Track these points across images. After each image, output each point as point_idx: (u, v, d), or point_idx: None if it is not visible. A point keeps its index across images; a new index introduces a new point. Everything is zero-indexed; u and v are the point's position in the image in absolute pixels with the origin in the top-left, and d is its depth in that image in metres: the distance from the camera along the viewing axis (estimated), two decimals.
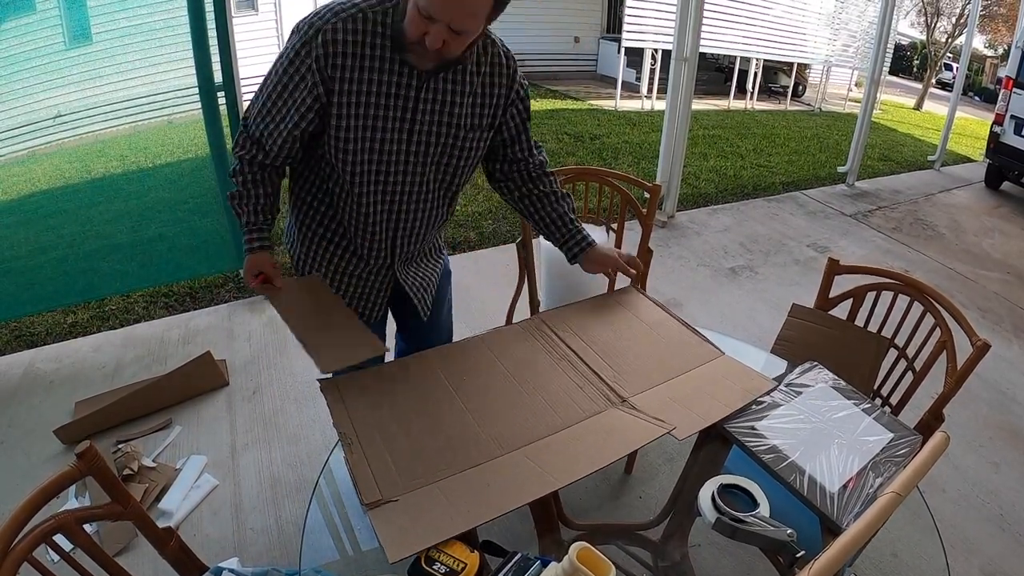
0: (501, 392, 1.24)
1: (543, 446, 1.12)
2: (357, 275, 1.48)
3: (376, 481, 1.02)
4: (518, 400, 1.22)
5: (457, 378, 1.26)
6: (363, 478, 1.03)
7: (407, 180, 1.33)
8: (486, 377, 1.28)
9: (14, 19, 2.39)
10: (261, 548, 1.90)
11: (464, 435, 1.13)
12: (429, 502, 0.99)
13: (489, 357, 1.33)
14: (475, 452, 1.10)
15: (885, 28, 5.63)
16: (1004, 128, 6.03)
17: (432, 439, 1.12)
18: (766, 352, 1.65)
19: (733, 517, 0.99)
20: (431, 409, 1.19)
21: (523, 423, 1.17)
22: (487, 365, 1.31)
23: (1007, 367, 3.15)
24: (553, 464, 1.07)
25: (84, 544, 1.01)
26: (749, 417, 1.24)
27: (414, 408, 1.19)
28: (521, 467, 1.07)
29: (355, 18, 1.16)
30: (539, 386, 1.26)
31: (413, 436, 1.12)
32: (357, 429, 1.12)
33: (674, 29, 4.27)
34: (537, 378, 1.29)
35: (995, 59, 22.28)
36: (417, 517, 0.96)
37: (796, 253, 4.34)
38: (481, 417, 1.17)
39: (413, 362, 1.32)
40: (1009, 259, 4.65)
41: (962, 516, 2.20)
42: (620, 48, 9.18)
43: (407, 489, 1.01)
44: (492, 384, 1.26)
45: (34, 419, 2.34)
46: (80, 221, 2.80)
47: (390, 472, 1.04)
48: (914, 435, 1.25)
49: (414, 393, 1.23)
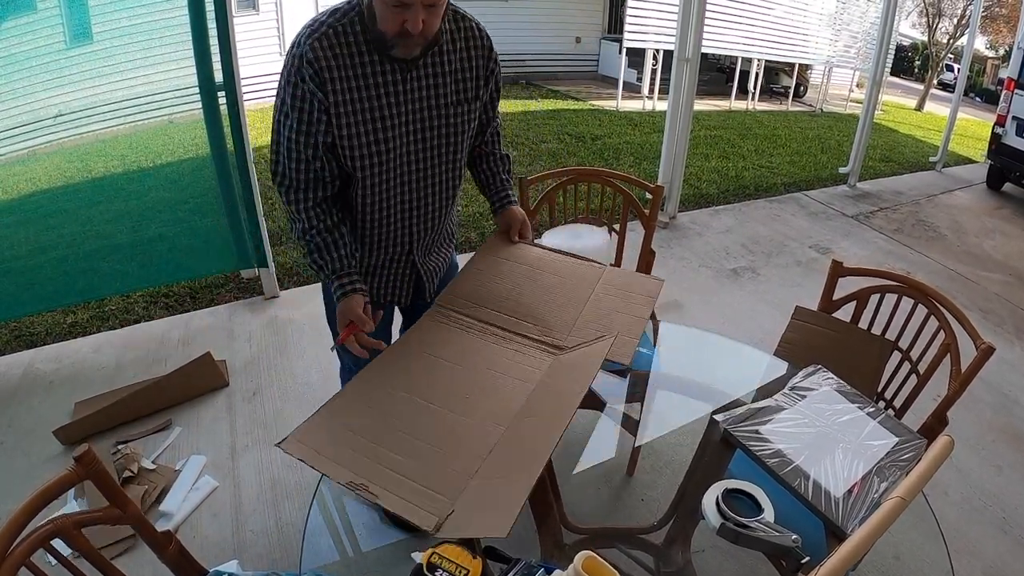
0: (462, 382, 1.24)
1: (528, 409, 1.14)
2: (381, 266, 1.53)
3: (416, 504, 0.98)
4: (481, 382, 1.23)
5: (418, 388, 1.23)
6: (406, 508, 0.97)
7: (413, 168, 1.39)
8: (441, 374, 1.26)
9: (15, 18, 2.39)
10: (261, 550, 1.89)
11: (458, 433, 1.12)
12: (480, 497, 0.99)
13: (429, 359, 1.31)
14: (479, 443, 1.09)
15: (887, 29, 5.62)
16: (1006, 129, 6.02)
17: (432, 448, 1.09)
18: (768, 354, 1.64)
19: (737, 522, 0.98)
20: (409, 425, 1.14)
21: (500, 398, 1.18)
22: (432, 365, 1.29)
23: (1009, 369, 3.14)
24: (547, 414, 1.10)
25: (82, 548, 1.01)
26: (753, 421, 1.23)
27: (395, 429, 1.13)
28: (526, 432, 1.09)
29: (326, 35, 1.21)
30: (487, 364, 1.28)
31: (414, 455, 1.08)
32: (357, 471, 1.03)
33: (676, 29, 4.26)
34: (479, 359, 1.29)
35: (996, 60, 22.26)
36: (482, 507, 0.96)
37: (798, 254, 4.33)
38: (464, 409, 1.17)
39: (358, 388, 1.22)
40: (1010, 260, 4.64)
41: (964, 519, 2.19)
42: (621, 48, 9.18)
43: (456, 494, 1.00)
44: (450, 378, 1.25)
45: (34, 419, 2.34)
46: (80, 221, 2.79)
47: (421, 493, 1.00)
48: (919, 439, 1.24)
49: (384, 418, 1.15)
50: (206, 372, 2.49)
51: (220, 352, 2.71)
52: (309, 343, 2.86)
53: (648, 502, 1.74)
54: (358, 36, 1.23)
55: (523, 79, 11.54)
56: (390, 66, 1.26)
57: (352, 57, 1.23)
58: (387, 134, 1.31)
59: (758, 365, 1.58)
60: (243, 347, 2.82)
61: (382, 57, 1.25)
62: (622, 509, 1.71)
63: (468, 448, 1.08)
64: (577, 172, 2.25)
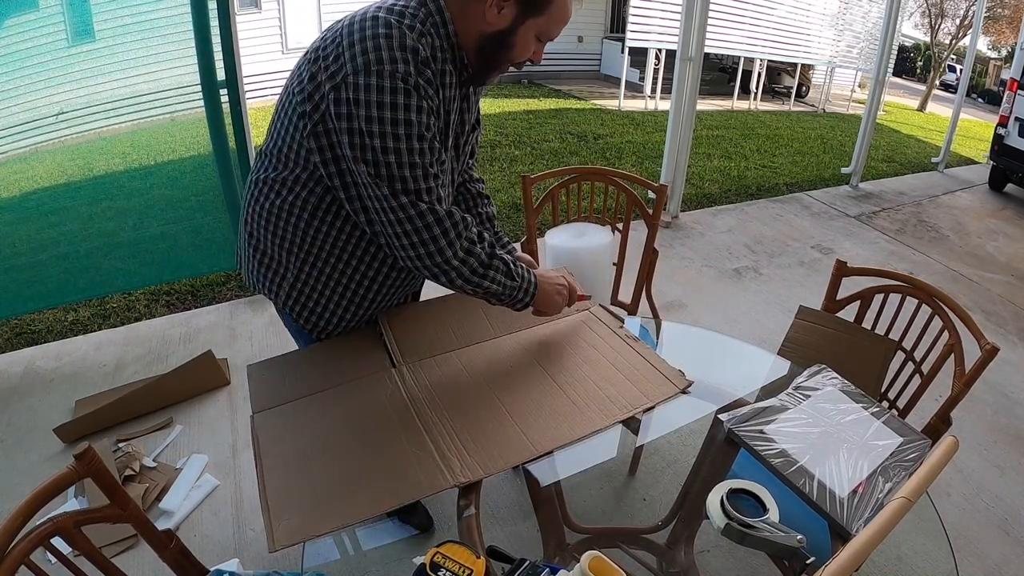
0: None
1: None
2: (391, 279, 1.37)
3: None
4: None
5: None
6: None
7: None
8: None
9: (17, 16, 2.38)
10: (262, 549, 1.88)
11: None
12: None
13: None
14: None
15: (889, 29, 5.61)
16: (1008, 130, 6.01)
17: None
18: (772, 354, 1.63)
19: (742, 522, 0.98)
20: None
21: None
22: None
23: (1011, 370, 3.13)
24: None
25: (82, 547, 1.00)
26: (757, 420, 1.22)
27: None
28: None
29: (425, 34, 1.08)
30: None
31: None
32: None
33: (679, 29, 4.25)
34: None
35: (999, 61, 22.24)
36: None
37: (800, 254, 4.32)
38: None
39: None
40: (1013, 262, 4.63)
41: (967, 520, 2.18)
42: (624, 48, 9.17)
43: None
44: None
45: (34, 417, 2.33)
46: (82, 219, 2.79)
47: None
48: (923, 439, 1.23)
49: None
50: (207, 371, 2.49)
51: (221, 351, 2.70)
52: None
53: (650, 502, 1.73)
54: (443, 41, 1.11)
55: (525, 78, 11.54)
56: (457, 79, 1.17)
57: (444, 63, 1.12)
58: (445, 143, 1.21)
59: (761, 365, 1.57)
60: (244, 346, 2.82)
61: (452, 68, 1.15)
62: (625, 509, 1.70)
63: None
64: (580, 171, 2.24)
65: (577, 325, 1.46)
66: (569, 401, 1.23)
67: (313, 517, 0.97)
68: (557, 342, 1.41)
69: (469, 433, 1.13)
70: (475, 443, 1.11)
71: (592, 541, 1.08)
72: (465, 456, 1.08)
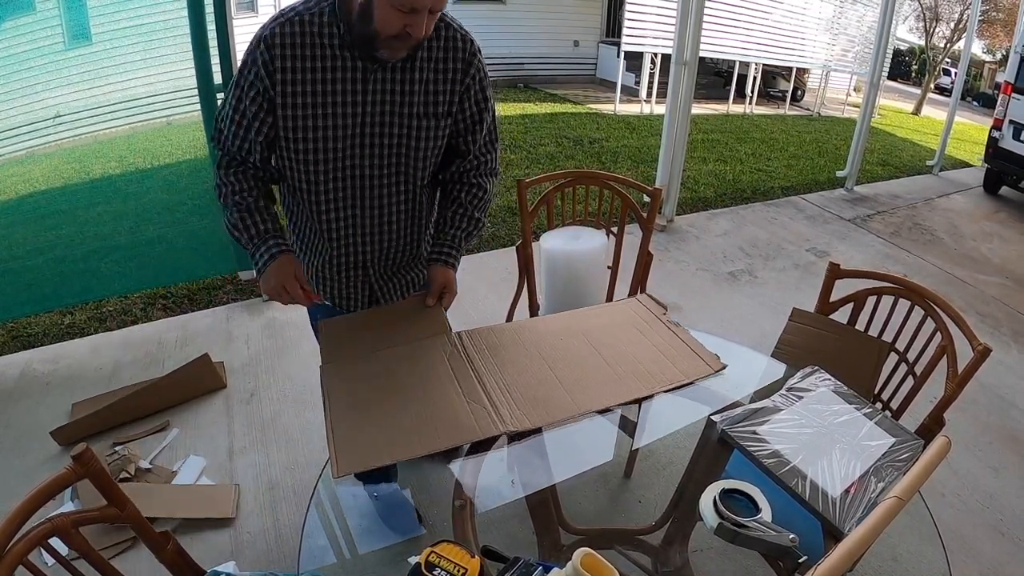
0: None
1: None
2: (332, 277, 1.49)
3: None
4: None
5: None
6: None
7: (362, 175, 1.32)
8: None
9: (13, 19, 2.38)
10: (258, 551, 1.88)
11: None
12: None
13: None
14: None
15: (884, 33, 5.64)
16: (1003, 133, 6.04)
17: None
18: (767, 356, 1.64)
19: (735, 522, 0.98)
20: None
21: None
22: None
23: (1005, 372, 3.15)
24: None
25: (80, 548, 1.00)
26: (751, 421, 1.23)
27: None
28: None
29: (292, 21, 1.18)
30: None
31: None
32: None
33: (674, 33, 4.28)
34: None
35: (993, 64, 22.34)
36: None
37: (795, 257, 4.34)
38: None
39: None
40: (1007, 264, 4.65)
41: (961, 520, 2.20)
42: (620, 52, 9.19)
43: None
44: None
45: (31, 420, 2.33)
46: (78, 222, 2.79)
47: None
48: (915, 439, 1.24)
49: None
50: (204, 374, 2.49)
51: (218, 354, 2.70)
52: (307, 345, 2.86)
53: (645, 504, 1.74)
54: (323, 28, 1.19)
55: (521, 82, 11.56)
56: (352, 64, 1.21)
57: (314, 48, 1.19)
58: (335, 132, 1.25)
59: (755, 367, 1.58)
60: (241, 349, 2.82)
61: (347, 53, 1.20)
62: (620, 510, 1.70)
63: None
64: (576, 175, 2.25)
65: (624, 310, 1.60)
66: (612, 372, 1.33)
67: (372, 451, 1.10)
68: (604, 324, 1.52)
69: (520, 390, 1.25)
70: (524, 399, 1.23)
71: (587, 542, 1.08)
72: (515, 409, 1.20)
